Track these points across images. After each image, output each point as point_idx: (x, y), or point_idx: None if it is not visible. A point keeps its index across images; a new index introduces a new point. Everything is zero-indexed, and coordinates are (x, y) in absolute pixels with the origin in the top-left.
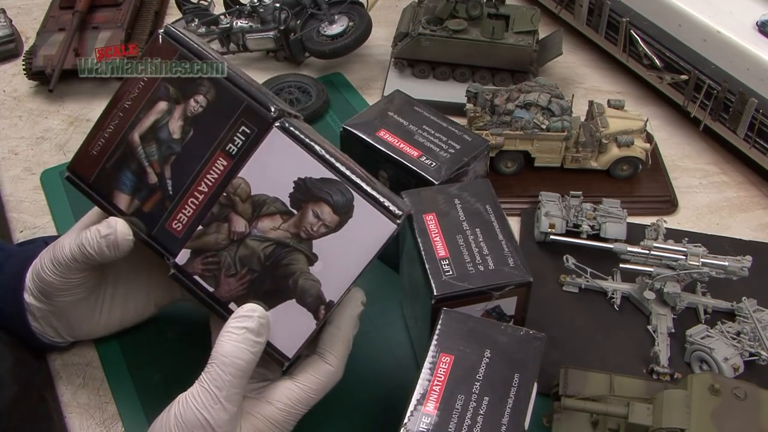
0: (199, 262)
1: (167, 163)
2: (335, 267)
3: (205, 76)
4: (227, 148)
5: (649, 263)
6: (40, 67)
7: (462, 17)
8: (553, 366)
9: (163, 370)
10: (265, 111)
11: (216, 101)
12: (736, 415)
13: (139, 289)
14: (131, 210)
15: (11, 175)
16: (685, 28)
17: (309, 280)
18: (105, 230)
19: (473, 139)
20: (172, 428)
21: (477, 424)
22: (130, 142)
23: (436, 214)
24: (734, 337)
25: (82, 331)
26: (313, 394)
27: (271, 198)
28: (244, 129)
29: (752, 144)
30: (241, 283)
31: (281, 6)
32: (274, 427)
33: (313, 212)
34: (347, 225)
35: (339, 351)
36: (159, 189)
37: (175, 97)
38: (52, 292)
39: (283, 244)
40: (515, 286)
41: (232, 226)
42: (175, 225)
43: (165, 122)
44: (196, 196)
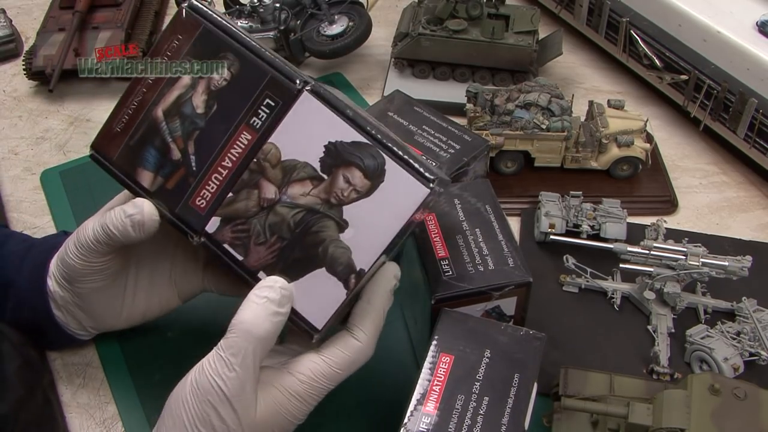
0: (229, 230)
1: (191, 139)
2: (366, 234)
3: (205, 76)
4: (251, 122)
5: (649, 263)
6: (40, 67)
7: (462, 17)
8: (553, 366)
9: (163, 370)
10: (289, 83)
11: (240, 74)
12: (736, 415)
13: (163, 279)
14: (155, 187)
15: (11, 175)
16: (685, 28)
17: (339, 248)
18: (131, 210)
19: (473, 139)
20: (187, 394)
21: (477, 424)
22: (153, 118)
23: (436, 214)
24: (734, 337)
25: (105, 322)
26: (338, 369)
27: (302, 163)
28: (269, 102)
29: (752, 144)
30: (271, 252)
31: (281, 6)
32: (295, 400)
33: (344, 177)
34: (379, 190)
35: (368, 327)
36: (183, 165)
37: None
38: (75, 277)
39: (313, 210)
40: (515, 286)
41: (262, 192)
42: (199, 202)
43: (189, 97)
44: (220, 171)
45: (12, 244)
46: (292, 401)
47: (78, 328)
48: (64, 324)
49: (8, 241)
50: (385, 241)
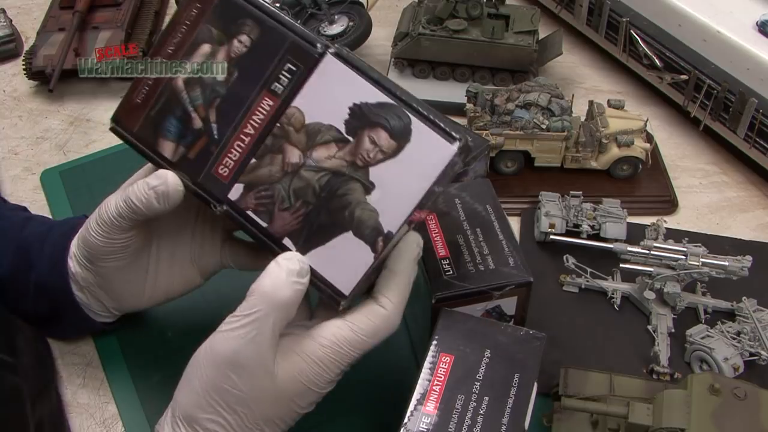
0: (252, 196)
1: (212, 107)
2: (394, 195)
3: (205, 76)
4: (272, 87)
5: (649, 263)
6: (40, 67)
7: (462, 17)
8: (553, 366)
9: (163, 370)
10: (310, 47)
11: (260, 40)
12: (736, 415)
13: (184, 255)
14: (176, 157)
15: (11, 175)
16: (685, 28)
17: (366, 210)
18: (154, 182)
19: (473, 139)
20: (201, 359)
21: (477, 424)
22: (174, 88)
23: (436, 214)
24: (734, 337)
25: (128, 302)
26: (363, 336)
27: (326, 126)
28: (290, 66)
29: (752, 144)
30: (296, 217)
31: (281, 6)
32: (316, 366)
33: (370, 138)
34: (405, 150)
35: (394, 295)
36: (204, 134)
37: (218, 38)
38: (97, 256)
39: (338, 173)
40: (515, 286)
41: (286, 157)
42: (221, 170)
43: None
44: (242, 138)
45: (32, 226)
46: (313, 367)
47: (101, 309)
48: (86, 305)
49: (28, 224)
50: (413, 201)
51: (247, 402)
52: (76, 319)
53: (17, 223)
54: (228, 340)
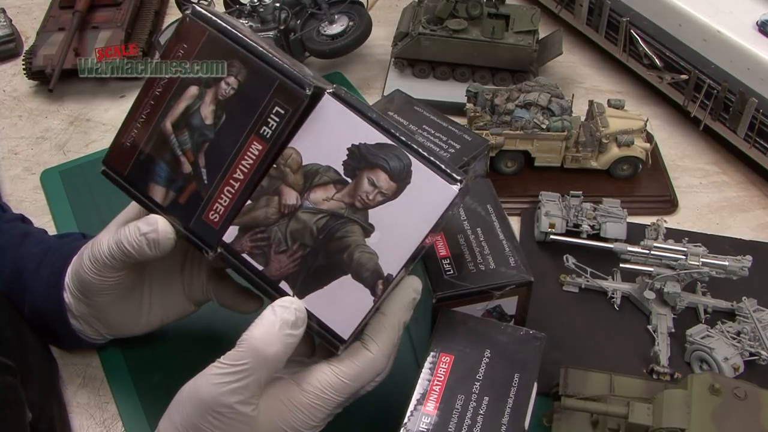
0: (248, 239)
1: (201, 151)
2: (393, 237)
3: (205, 76)
4: (261, 131)
5: (649, 263)
6: (40, 67)
7: (462, 17)
8: (553, 366)
9: (163, 370)
10: (299, 89)
11: (247, 82)
12: (736, 415)
13: (176, 289)
14: (167, 203)
15: (11, 175)
16: (685, 28)
17: (365, 253)
18: (145, 228)
19: (473, 139)
20: (185, 399)
21: (477, 424)
22: (162, 131)
23: None
24: (734, 336)
25: (122, 329)
26: (347, 380)
27: (324, 167)
28: (278, 110)
29: (752, 144)
30: (293, 260)
31: (281, 6)
32: (299, 412)
33: (369, 180)
34: (405, 192)
35: (382, 339)
36: (194, 179)
37: (205, 81)
38: (90, 291)
39: (337, 215)
40: (516, 285)
41: (282, 198)
42: (212, 216)
43: (197, 108)
44: (232, 184)
45: (29, 244)
46: (295, 413)
47: (95, 334)
48: (80, 331)
49: (26, 241)
50: (413, 243)
51: None
52: (71, 339)
53: (15, 237)
54: (211, 385)
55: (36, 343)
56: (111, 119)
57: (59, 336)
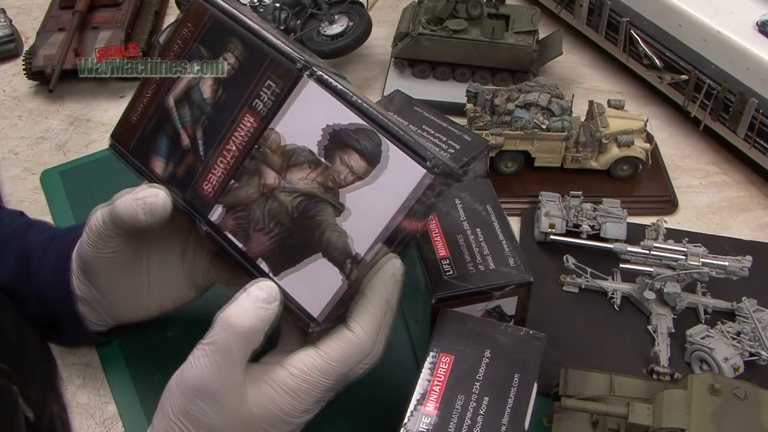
0: (231, 218)
1: (199, 126)
2: (364, 218)
3: (205, 76)
4: (254, 105)
5: (649, 263)
6: (40, 67)
7: (462, 17)
8: (553, 366)
9: (163, 370)
10: (290, 63)
11: (245, 59)
12: (736, 415)
13: (176, 271)
14: (166, 175)
15: (11, 175)
16: (685, 28)
17: (335, 233)
18: (142, 193)
19: (473, 139)
20: (173, 386)
21: (477, 424)
22: (165, 107)
23: (436, 214)
24: (734, 337)
25: (123, 314)
26: (332, 362)
27: (301, 148)
28: (270, 83)
29: (752, 144)
30: (271, 239)
31: (281, 6)
32: (286, 395)
33: (341, 160)
34: (375, 172)
35: (365, 320)
36: (191, 152)
37: (207, 57)
38: (90, 267)
39: (311, 195)
40: (516, 286)
41: (262, 178)
42: (206, 188)
43: (197, 84)
44: (225, 155)
45: (33, 234)
46: (284, 396)
47: (98, 319)
48: (84, 316)
49: (30, 231)
50: (381, 225)
51: (217, 428)
52: (75, 328)
53: (19, 229)
54: (194, 368)
55: (37, 343)
56: (111, 119)
57: (63, 327)
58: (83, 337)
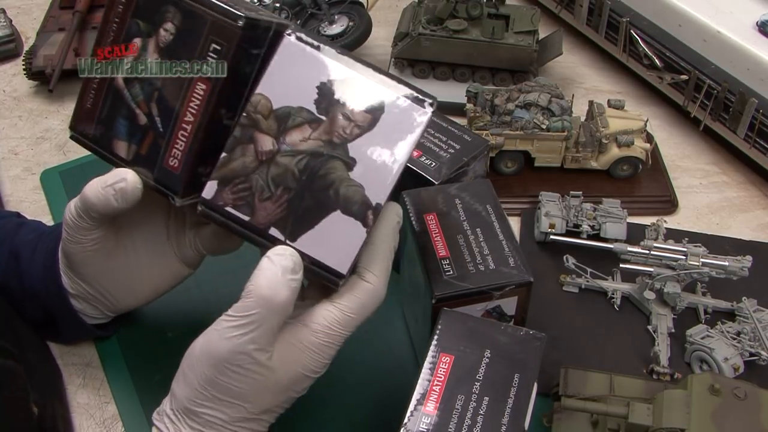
0: (229, 191)
1: (152, 101)
2: (376, 167)
3: (205, 76)
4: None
5: (649, 263)
6: (40, 67)
7: (462, 17)
8: (553, 366)
9: (163, 370)
10: (231, 22)
11: (183, 25)
12: (736, 415)
13: (162, 249)
14: (130, 156)
15: (11, 175)
16: (685, 28)
17: (351, 187)
18: (111, 179)
19: (473, 139)
20: (197, 357)
21: (477, 424)
22: (116, 88)
23: (436, 214)
24: (734, 337)
25: (120, 303)
26: (352, 314)
27: (296, 108)
28: (215, 47)
29: (752, 144)
30: (279, 205)
31: (281, 6)
32: (311, 352)
33: (343, 114)
34: (381, 121)
35: (377, 267)
36: (150, 129)
37: (146, 30)
38: (74, 262)
39: (316, 153)
40: (516, 286)
41: (258, 145)
42: (172, 162)
43: (142, 58)
44: (184, 128)
45: (23, 233)
46: (308, 354)
47: (95, 312)
48: (80, 311)
49: (20, 231)
50: (396, 170)
51: (246, 396)
52: (72, 324)
53: (10, 230)
54: (224, 339)
55: (36, 343)
56: None
57: (59, 323)
58: (81, 331)
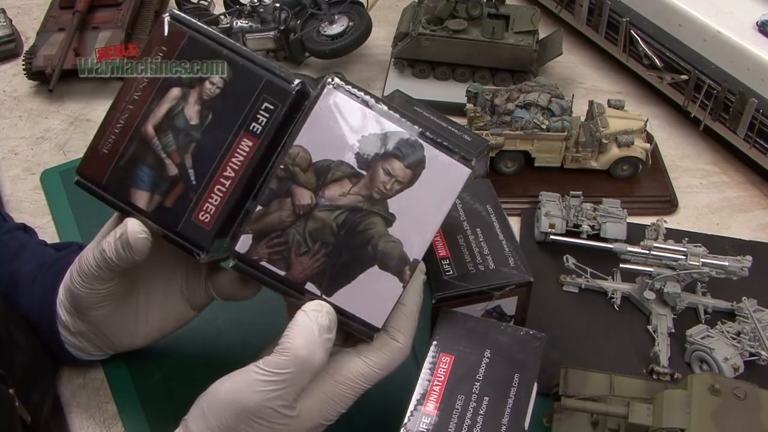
0: (264, 245)
1: (187, 152)
2: (414, 223)
3: (205, 76)
4: (251, 128)
5: (649, 263)
6: (40, 67)
7: (462, 17)
8: (553, 366)
9: (163, 370)
10: (287, 84)
11: (233, 80)
12: (736, 415)
13: (174, 296)
14: (152, 207)
15: (11, 175)
16: (685, 28)
17: (390, 242)
18: (120, 231)
19: (473, 139)
20: (222, 404)
21: (477, 424)
22: (144, 135)
23: None
24: (734, 337)
25: (121, 344)
26: (379, 370)
27: (336, 162)
28: (267, 105)
29: (752, 144)
30: (316, 260)
31: (281, 6)
32: (334, 403)
33: (384, 170)
34: (421, 178)
35: (405, 327)
36: (181, 180)
37: (188, 81)
38: (82, 305)
39: (356, 209)
40: (516, 286)
41: (296, 199)
42: (203, 216)
43: (180, 109)
44: (222, 182)
45: (24, 259)
46: (330, 405)
47: (95, 350)
48: (78, 348)
49: (21, 254)
50: (434, 226)
51: None
52: (67, 357)
53: (12, 250)
54: (253, 393)
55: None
56: None
57: (56, 354)
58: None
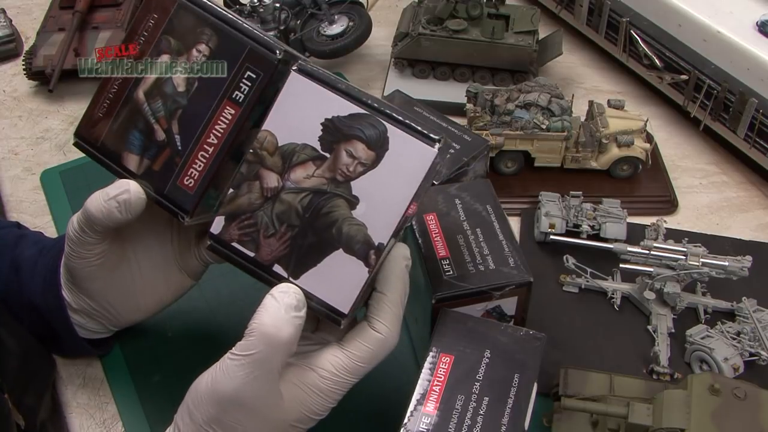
0: (235, 227)
1: (174, 118)
2: (379, 206)
3: (205, 76)
4: (234, 96)
5: (649, 263)
6: (40, 67)
7: (462, 17)
8: (553, 366)
9: (163, 370)
10: (269, 53)
11: (219, 48)
12: (736, 415)
13: (166, 262)
14: (141, 170)
15: (11, 175)
16: (685, 28)
17: (353, 225)
18: (114, 191)
19: (473, 139)
20: (202, 396)
21: (477, 425)
22: (135, 100)
23: (436, 214)
24: (734, 337)
25: (123, 317)
26: (361, 363)
27: (300, 145)
28: (250, 74)
29: (752, 144)
30: (282, 242)
31: (281, 6)
32: (317, 396)
33: (347, 152)
34: (385, 159)
35: (387, 317)
36: (168, 146)
37: (177, 48)
38: (78, 277)
39: (320, 191)
40: (516, 286)
41: (263, 182)
42: (187, 181)
43: (169, 76)
44: (206, 149)
45: (24, 246)
46: (314, 397)
47: (98, 327)
48: (82, 325)
49: (20, 243)
50: (400, 210)
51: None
52: (71, 339)
53: (10, 241)
54: (229, 379)
55: (37, 346)
56: None
57: (61, 338)
58: (80, 347)
